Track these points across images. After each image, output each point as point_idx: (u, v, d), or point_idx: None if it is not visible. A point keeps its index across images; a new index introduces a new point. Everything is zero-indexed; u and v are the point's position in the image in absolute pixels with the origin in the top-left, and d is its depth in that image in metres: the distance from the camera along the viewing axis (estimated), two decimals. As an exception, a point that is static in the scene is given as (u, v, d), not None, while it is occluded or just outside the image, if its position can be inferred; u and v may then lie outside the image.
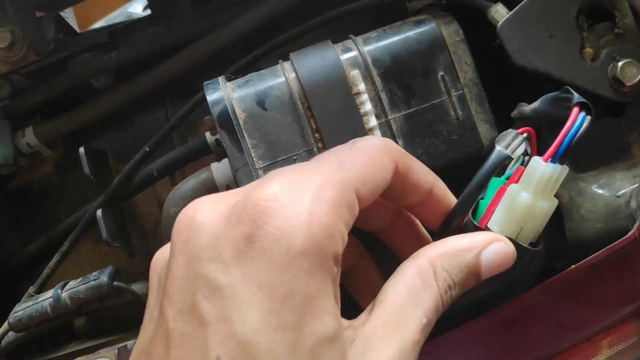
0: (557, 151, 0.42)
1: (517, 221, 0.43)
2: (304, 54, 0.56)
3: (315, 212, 0.34)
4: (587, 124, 0.42)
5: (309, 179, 0.36)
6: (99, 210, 0.64)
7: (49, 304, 0.65)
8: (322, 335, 0.33)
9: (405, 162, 0.42)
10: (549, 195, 0.43)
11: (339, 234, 0.35)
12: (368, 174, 0.39)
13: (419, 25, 0.56)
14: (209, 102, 0.54)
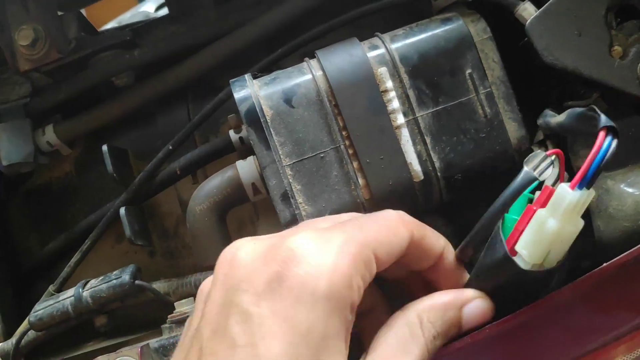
0: (584, 177, 0.42)
1: (545, 246, 0.43)
2: (331, 51, 0.56)
3: (338, 264, 0.40)
4: (614, 148, 0.42)
5: (334, 235, 0.42)
6: (122, 208, 0.64)
7: (70, 302, 0.65)
8: None
9: (420, 231, 0.46)
10: (577, 219, 0.44)
11: (356, 285, 0.40)
12: (384, 238, 0.43)
13: (447, 22, 0.56)
14: (237, 100, 0.54)
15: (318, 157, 0.54)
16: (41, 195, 0.78)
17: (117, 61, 0.68)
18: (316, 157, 0.54)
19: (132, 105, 0.69)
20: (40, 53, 0.65)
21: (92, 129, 0.72)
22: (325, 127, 0.54)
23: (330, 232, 0.42)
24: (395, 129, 0.54)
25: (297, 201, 0.53)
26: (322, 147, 0.54)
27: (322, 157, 0.54)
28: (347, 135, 0.54)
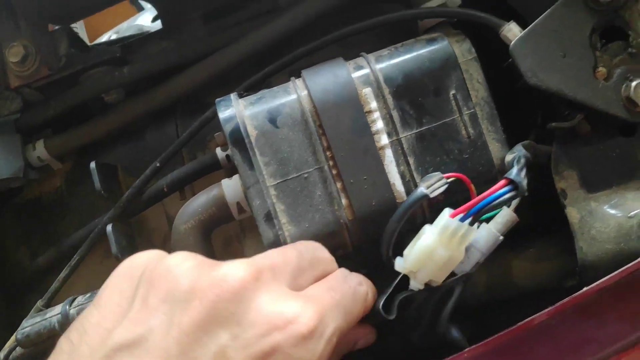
0: (468, 210, 0.45)
1: (418, 257, 0.47)
2: (316, 71, 0.56)
3: (324, 354, 0.43)
4: (506, 199, 0.46)
5: (331, 320, 0.45)
6: (109, 225, 0.64)
7: (57, 320, 0.65)
8: None
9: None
10: (454, 248, 0.47)
11: None
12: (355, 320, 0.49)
13: (431, 43, 0.56)
14: (221, 120, 0.54)
15: (302, 177, 0.54)
16: (31, 209, 0.78)
17: (106, 78, 0.68)
18: (300, 178, 0.54)
19: (122, 121, 0.70)
20: (31, 69, 0.66)
21: (82, 145, 0.72)
22: (309, 147, 0.54)
23: (327, 319, 0.44)
24: (379, 149, 0.54)
25: (281, 222, 0.53)
26: (307, 167, 0.54)
27: (306, 177, 0.54)
28: (331, 155, 0.54)
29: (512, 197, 0.45)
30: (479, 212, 0.45)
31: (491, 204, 0.45)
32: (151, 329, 0.40)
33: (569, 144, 0.56)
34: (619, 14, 0.54)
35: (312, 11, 0.65)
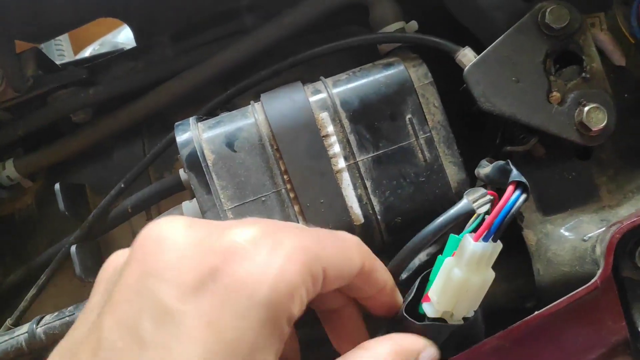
0: (488, 230, 0.42)
1: (451, 295, 0.44)
2: (274, 95, 0.57)
3: (285, 269, 0.35)
4: (521, 202, 0.42)
5: (287, 236, 0.37)
6: (73, 247, 0.64)
7: (24, 339, 0.66)
8: None
9: (371, 264, 0.44)
10: (484, 270, 0.44)
11: (299, 297, 0.36)
12: (338, 260, 0.40)
13: (388, 68, 0.56)
14: (178, 144, 0.55)
15: (260, 200, 0.54)
16: (3, 227, 0.79)
17: (73, 99, 0.69)
18: (258, 201, 0.54)
19: (90, 141, 0.70)
20: (-3, 91, 0.66)
21: (51, 164, 0.73)
22: (267, 171, 0.54)
23: (282, 233, 0.37)
24: (336, 173, 0.54)
25: (237, 245, 0.53)
26: (264, 191, 0.54)
27: (263, 200, 0.54)
28: (288, 179, 0.54)
29: (525, 200, 0.43)
30: (500, 226, 0.43)
31: (510, 213, 0.42)
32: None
33: (525, 166, 0.57)
34: (573, 39, 0.54)
35: (277, 33, 0.66)
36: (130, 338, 0.32)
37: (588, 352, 0.49)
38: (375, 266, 0.44)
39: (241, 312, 0.33)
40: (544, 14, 0.53)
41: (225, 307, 0.33)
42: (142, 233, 0.36)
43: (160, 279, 0.33)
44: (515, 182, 0.43)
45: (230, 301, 0.33)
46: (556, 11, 0.53)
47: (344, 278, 0.41)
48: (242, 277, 0.34)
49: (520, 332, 0.49)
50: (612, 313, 0.49)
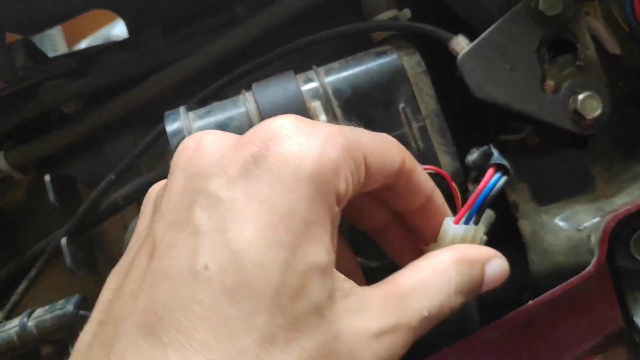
0: (468, 212, 0.42)
1: None
2: (266, 84, 0.56)
3: (325, 148, 0.35)
4: (502, 184, 0.42)
5: (323, 126, 0.37)
6: (63, 239, 0.64)
7: (16, 332, 0.65)
8: (314, 262, 0.33)
9: (412, 163, 0.42)
10: None
11: (344, 175, 0.36)
12: (378, 149, 0.39)
13: (381, 56, 0.56)
14: (168, 133, 0.54)
15: (251, 190, 0.54)
16: (-5, 220, 0.78)
17: (64, 90, 0.68)
18: (249, 191, 0.54)
19: (81, 133, 0.69)
20: (-14, 82, 0.66)
21: (42, 156, 0.72)
22: (258, 160, 0.54)
23: (318, 124, 0.37)
24: (328, 162, 0.54)
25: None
26: (255, 181, 0.54)
27: (254, 190, 0.54)
28: (279, 168, 0.53)
29: (505, 181, 0.43)
30: (480, 207, 0.42)
31: (490, 195, 0.42)
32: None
33: (520, 156, 0.56)
34: (567, 27, 0.54)
35: (270, 23, 0.65)
36: (184, 232, 0.33)
37: (582, 341, 0.49)
38: (416, 167, 0.42)
39: (289, 186, 0.33)
40: (537, 1, 0.53)
41: (273, 184, 0.33)
42: (179, 147, 0.38)
43: (206, 175, 0.34)
44: (495, 165, 0.43)
45: (277, 178, 0.33)
46: (550, -2, 0.53)
47: (385, 171, 0.40)
48: (284, 155, 0.34)
49: (514, 322, 0.49)
50: (606, 302, 0.49)
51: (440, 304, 0.38)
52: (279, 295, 0.31)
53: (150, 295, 0.32)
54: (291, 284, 0.32)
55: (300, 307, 0.32)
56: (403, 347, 0.37)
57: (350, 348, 0.34)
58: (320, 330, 0.33)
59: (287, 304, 0.32)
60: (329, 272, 0.34)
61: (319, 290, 0.33)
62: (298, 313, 0.32)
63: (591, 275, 0.47)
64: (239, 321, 0.31)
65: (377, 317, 0.36)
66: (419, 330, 0.37)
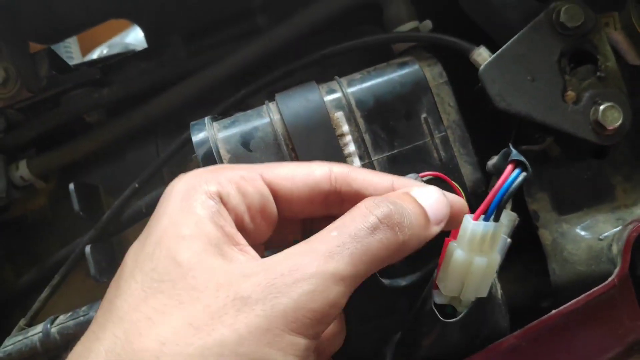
0: (487, 209, 0.42)
1: (456, 279, 0.43)
2: (289, 95, 0.57)
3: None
4: (521, 180, 0.42)
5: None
6: (87, 247, 0.65)
7: (39, 339, 0.66)
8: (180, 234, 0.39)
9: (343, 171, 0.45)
10: (488, 252, 0.43)
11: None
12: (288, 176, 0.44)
13: (403, 67, 0.56)
14: (194, 143, 0.55)
15: (275, 199, 0.54)
16: (17, 228, 0.79)
17: (87, 99, 0.69)
18: (273, 200, 0.54)
19: (103, 142, 0.70)
20: (12, 92, 0.67)
21: (64, 164, 0.73)
22: (282, 170, 0.54)
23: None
24: (351, 172, 0.54)
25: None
26: (279, 190, 0.54)
27: (279, 200, 0.54)
28: (303, 178, 0.54)
29: (525, 178, 0.43)
30: (500, 204, 0.42)
31: (509, 191, 0.42)
32: None
33: (541, 166, 0.57)
34: (588, 38, 0.54)
35: (291, 33, 0.66)
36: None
37: (605, 351, 0.49)
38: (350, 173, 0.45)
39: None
40: (559, 13, 0.54)
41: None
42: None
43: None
44: (514, 161, 0.43)
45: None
46: (570, 10, 0.54)
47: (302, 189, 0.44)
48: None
49: (537, 331, 0.49)
50: (629, 312, 0.49)
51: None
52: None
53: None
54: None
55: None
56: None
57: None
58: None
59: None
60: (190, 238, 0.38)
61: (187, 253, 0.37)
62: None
63: (614, 285, 0.48)
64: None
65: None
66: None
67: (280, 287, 0.35)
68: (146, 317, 0.35)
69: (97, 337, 0.36)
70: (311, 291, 0.35)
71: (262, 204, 0.43)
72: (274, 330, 0.34)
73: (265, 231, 0.44)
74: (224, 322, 0.34)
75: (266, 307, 0.34)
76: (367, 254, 0.38)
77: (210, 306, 0.35)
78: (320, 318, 0.36)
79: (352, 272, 0.37)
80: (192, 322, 0.34)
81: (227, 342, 0.33)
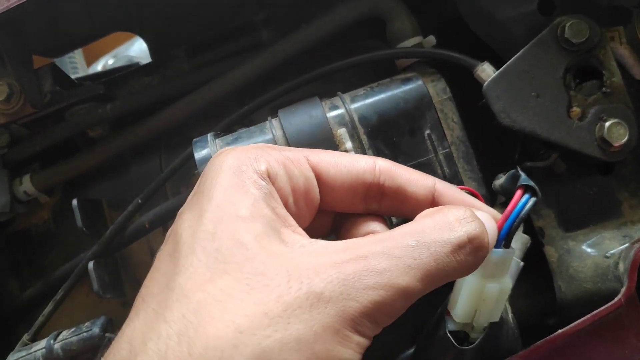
0: (498, 235, 0.42)
1: (469, 305, 0.43)
2: (292, 111, 0.56)
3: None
4: (530, 206, 0.42)
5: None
6: (90, 263, 0.64)
7: (42, 354, 0.65)
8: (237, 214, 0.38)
9: (391, 167, 0.43)
10: (500, 278, 0.43)
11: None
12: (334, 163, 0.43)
13: (406, 83, 0.56)
14: (197, 160, 0.55)
15: (278, 217, 0.54)
16: (21, 241, 0.79)
17: (90, 114, 0.69)
18: (276, 217, 0.54)
19: (107, 156, 0.70)
20: (15, 107, 0.67)
21: (68, 179, 0.73)
22: (285, 187, 0.54)
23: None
24: (355, 189, 0.54)
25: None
26: (282, 207, 0.54)
27: (282, 217, 0.54)
28: (306, 195, 0.54)
29: (534, 203, 0.42)
30: (510, 230, 0.42)
31: (519, 217, 0.42)
32: None
33: (546, 182, 0.56)
34: (593, 54, 0.54)
35: (294, 48, 0.66)
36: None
37: (612, 371, 0.49)
38: (396, 170, 0.44)
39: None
40: (564, 29, 0.53)
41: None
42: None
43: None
44: (523, 186, 0.42)
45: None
46: (575, 25, 0.53)
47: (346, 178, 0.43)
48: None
49: (543, 351, 0.49)
50: (636, 331, 0.49)
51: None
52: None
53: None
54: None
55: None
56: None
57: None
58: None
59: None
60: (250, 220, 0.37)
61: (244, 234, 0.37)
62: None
63: (621, 305, 0.47)
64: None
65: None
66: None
67: (351, 290, 0.35)
68: (215, 299, 0.34)
69: (162, 317, 0.34)
70: (379, 302, 0.35)
71: (306, 187, 0.42)
72: (344, 331, 0.34)
73: (306, 217, 0.43)
74: (299, 316, 0.34)
75: (338, 308, 0.34)
76: (440, 274, 0.37)
77: (283, 297, 0.34)
78: (381, 324, 0.36)
79: (421, 290, 0.37)
80: (266, 311, 0.33)
81: (304, 338, 0.33)
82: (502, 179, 0.52)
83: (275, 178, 0.40)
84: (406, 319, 0.56)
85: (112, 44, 1.58)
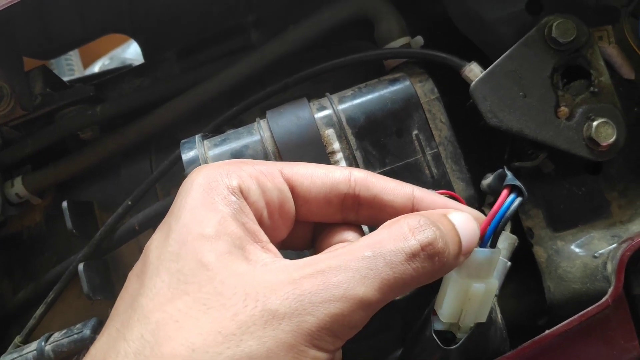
0: (484, 235, 0.42)
1: (455, 305, 0.43)
2: (280, 112, 0.56)
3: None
4: (516, 205, 0.42)
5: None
6: (80, 265, 0.64)
7: (33, 356, 0.66)
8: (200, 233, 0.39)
9: (365, 177, 0.44)
10: (486, 278, 0.43)
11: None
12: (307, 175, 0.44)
13: (394, 83, 0.56)
14: (184, 162, 0.55)
15: (266, 218, 0.54)
16: (13, 244, 0.79)
17: (81, 116, 0.69)
18: (264, 218, 0.54)
19: (97, 158, 0.70)
20: (6, 110, 0.67)
21: (59, 181, 0.73)
22: (273, 188, 0.54)
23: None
24: (342, 190, 0.54)
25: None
26: (270, 208, 0.54)
27: (269, 218, 0.54)
28: (294, 196, 0.54)
29: (520, 202, 0.42)
30: (496, 230, 0.42)
31: (505, 217, 0.42)
32: None
33: (534, 182, 0.56)
34: (581, 53, 0.54)
35: (283, 49, 0.66)
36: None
37: (600, 371, 0.48)
38: (371, 180, 0.44)
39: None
40: (551, 28, 0.53)
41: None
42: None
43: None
44: (509, 186, 0.42)
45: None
46: (562, 25, 0.53)
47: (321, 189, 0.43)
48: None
49: (531, 351, 0.49)
50: (624, 331, 0.48)
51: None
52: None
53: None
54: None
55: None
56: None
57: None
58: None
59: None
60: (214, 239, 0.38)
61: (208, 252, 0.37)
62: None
63: (608, 305, 0.47)
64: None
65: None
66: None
67: (307, 305, 0.35)
68: (173, 319, 0.35)
69: (122, 336, 0.35)
70: (337, 314, 0.35)
71: (280, 200, 0.42)
72: (299, 346, 0.35)
73: (282, 229, 0.44)
74: (253, 333, 0.34)
75: (293, 323, 0.35)
76: (398, 283, 0.37)
77: (238, 315, 0.34)
78: (342, 337, 0.36)
79: (380, 299, 0.37)
80: (220, 330, 0.34)
81: (256, 355, 0.34)
82: (489, 179, 0.52)
83: (248, 193, 0.41)
84: (395, 321, 0.56)
85: (109, 46, 1.58)
